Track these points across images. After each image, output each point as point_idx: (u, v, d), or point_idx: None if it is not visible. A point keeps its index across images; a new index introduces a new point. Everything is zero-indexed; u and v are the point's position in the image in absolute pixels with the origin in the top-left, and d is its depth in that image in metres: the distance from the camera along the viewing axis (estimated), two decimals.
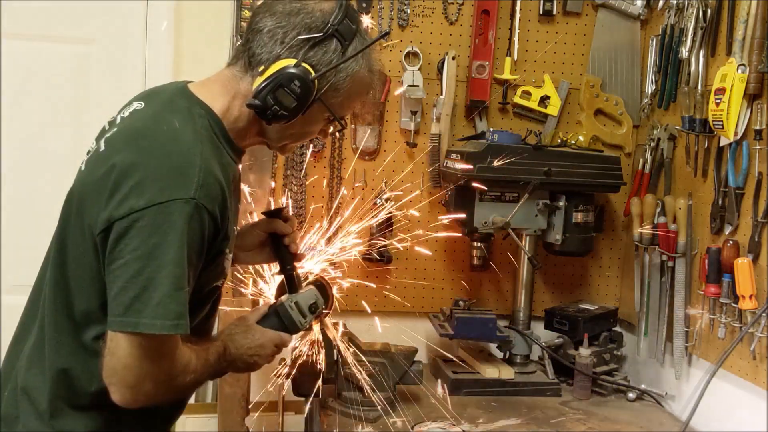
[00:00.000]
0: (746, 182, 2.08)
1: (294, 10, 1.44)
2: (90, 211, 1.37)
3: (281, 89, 1.42)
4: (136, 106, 1.48)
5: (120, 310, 1.29)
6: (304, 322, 1.65)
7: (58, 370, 1.43)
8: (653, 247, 2.41)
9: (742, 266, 2.01)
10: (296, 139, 1.59)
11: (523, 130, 2.63)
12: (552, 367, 2.49)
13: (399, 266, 2.67)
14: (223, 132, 1.48)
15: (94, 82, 2.62)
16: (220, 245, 1.43)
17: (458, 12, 2.66)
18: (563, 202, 2.43)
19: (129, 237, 1.29)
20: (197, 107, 1.45)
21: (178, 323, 1.31)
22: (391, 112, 2.67)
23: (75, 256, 1.42)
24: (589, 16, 2.71)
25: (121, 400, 1.33)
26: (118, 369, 1.31)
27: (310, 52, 1.44)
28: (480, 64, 2.64)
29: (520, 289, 2.59)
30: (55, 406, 1.43)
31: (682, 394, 2.37)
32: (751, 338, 2.01)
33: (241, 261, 1.81)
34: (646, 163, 2.56)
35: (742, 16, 2.09)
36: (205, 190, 1.33)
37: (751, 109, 2.05)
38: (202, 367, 1.43)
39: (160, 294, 1.28)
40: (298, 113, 1.45)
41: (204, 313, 1.54)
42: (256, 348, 1.56)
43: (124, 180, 1.32)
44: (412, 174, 2.65)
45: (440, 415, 2.13)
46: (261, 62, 1.44)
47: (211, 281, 1.49)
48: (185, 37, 2.65)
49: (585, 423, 2.21)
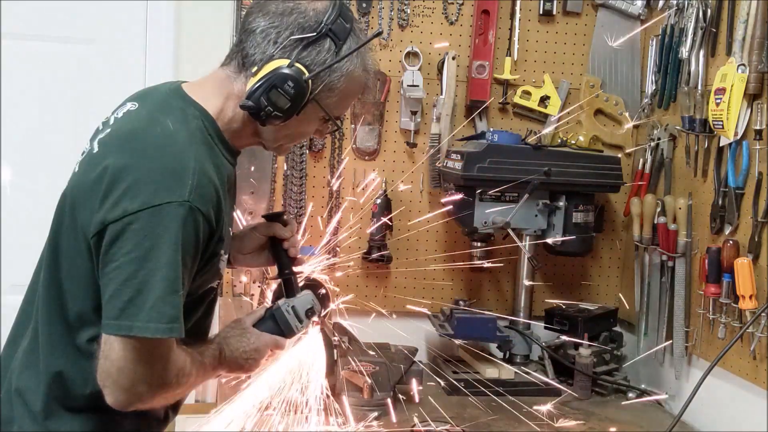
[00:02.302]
0: (746, 182, 2.08)
1: (287, 9, 1.44)
2: (83, 213, 1.36)
3: (274, 90, 1.41)
4: (130, 107, 1.48)
5: (114, 313, 1.29)
6: (300, 327, 1.65)
7: (53, 372, 1.43)
8: (653, 247, 2.41)
9: (742, 266, 2.01)
10: (292, 140, 1.58)
11: (523, 130, 2.63)
12: (552, 367, 2.49)
13: (399, 266, 2.67)
14: (218, 133, 1.47)
15: (94, 82, 2.62)
16: (215, 247, 1.43)
17: (458, 12, 2.66)
18: (563, 202, 2.43)
19: (123, 240, 1.29)
20: (191, 108, 1.45)
21: (172, 326, 1.30)
22: (391, 112, 2.67)
23: (68, 258, 1.41)
24: (589, 16, 2.71)
25: (115, 403, 1.32)
26: (112, 372, 1.31)
27: (304, 52, 1.43)
28: (480, 64, 2.64)
29: (520, 289, 2.59)
30: (49, 407, 1.43)
31: (682, 394, 2.36)
32: (751, 338, 2.01)
33: (239, 263, 1.80)
34: (646, 163, 2.56)
35: (742, 16, 2.09)
36: (199, 192, 1.33)
37: (751, 109, 2.05)
38: (197, 369, 1.43)
39: (154, 297, 1.28)
40: (292, 114, 1.44)
41: (199, 315, 1.53)
42: (251, 351, 1.56)
43: (117, 182, 1.31)
44: (412, 174, 2.65)
45: (440, 415, 2.13)
46: (254, 63, 1.44)
47: (206, 283, 1.48)
48: (185, 37, 2.64)
49: (585, 423, 2.21)
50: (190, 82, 1.54)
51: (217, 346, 1.52)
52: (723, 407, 2.18)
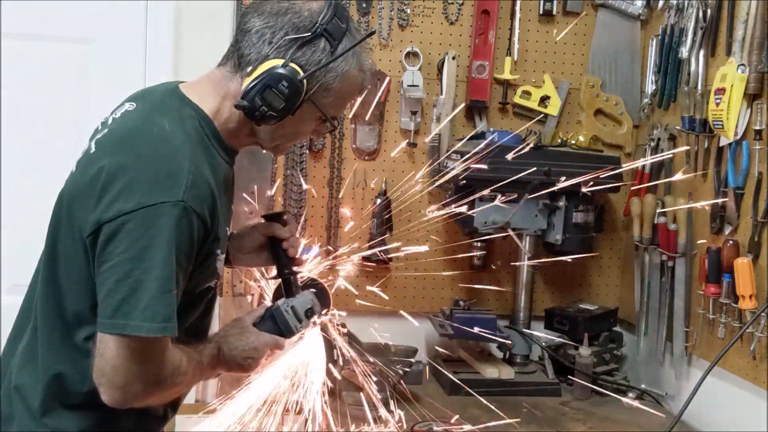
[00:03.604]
0: (746, 182, 2.08)
1: (282, 9, 1.44)
2: (79, 213, 1.37)
3: (269, 90, 1.41)
4: (128, 107, 1.48)
5: (109, 312, 1.30)
6: (299, 327, 1.65)
7: (51, 369, 1.43)
8: (653, 247, 2.41)
9: (742, 266, 2.01)
10: (289, 140, 1.58)
11: (523, 130, 2.63)
12: (552, 367, 2.49)
13: (399, 266, 2.67)
14: (214, 132, 1.47)
15: (94, 82, 2.62)
16: (211, 247, 1.43)
17: (458, 12, 2.66)
18: (563, 202, 2.43)
19: (118, 240, 1.29)
20: (187, 108, 1.45)
21: (165, 326, 1.31)
22: (391, 112, 2.66)
23: (65, 257, 1.42)
24: (589, 16, 2.71)
25: (110, 401, 1.33)
26: (106, 370, 1.31)
27: (299, 52, 1.43)
28: (480, 64, 2.64)
29: (520, 289, 2.59)
30: (47, 404, 1.44)
31: (682, 394, 2.36)
32: (751, 338, 2.01)
33: (239, 263, 1.80)
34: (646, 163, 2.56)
35: (742, 16, 2.09)
36: (194, 192, 1.33)
37: (751, 109, 2.05)
38: (194, 368, 1.43)
39: (148, 296, 1.29)
40: (287, 114, 1.44)
41: (198, 314, 1.54)
42: (250, 351, 1.56)
43: (112, 182, 1.32)
44: (412, 174, 2.65)
45: (440, 415, 2.13)
46: (249, 63, 1.44)
47: (202, 282, 1.48)
48: (185, 37, 2.64)
49: (585, 423, 2.21)
50: (187, 82, 1.54)
51: (215, 344, 1.52)
52: (723, 407, 2.18)
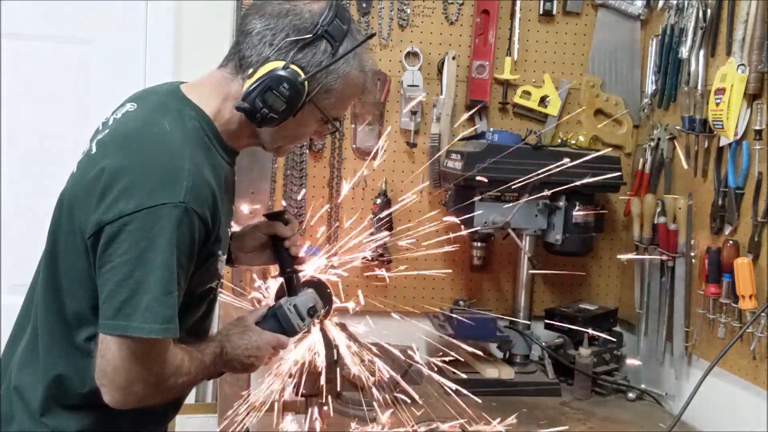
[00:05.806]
0: (746, 182, 2.08)
1: (283, 11, 1.44)
2: (80, 214, 1.37)
3: (270, 92, 1.41)
4: (129, 108, 1.48)
5: (110, 313, 1.30)
6: (302, 325, 1.65)
7: (51, 370, 1.44)
8: (653, 247, 2.41)
9: (742, 266, 2.01)
10: (290, 141, 1.58)
11: (523, 130, 2.63)
12: (552, 367, 2.49)
13: (399, 266, 2.66)
14: (215, 133, 1.47)
15: (94, 82, 2.62)
16: (212, 247, 1.43)
17: (458, 12, 2.66)
18: (563, 202, 2.43)
19: (119, 241, 1.30)
20: (188, 109, 1.45)
21: (167, 327, 1.31)
22: (391, 112, 2.66)
23: (66, 258, 1.42)
24: (589, 16, 2.71)
25: (112, 402, 1.33)
26: (108, 371, 1.32)
27: (299, 53, 1.43)
28: (480, 64, 2.64)
29: (520, 289, 2.59)
30: (47, 404, 1.44)
31: (682, 394, 2.36)
32: (751, 338, 2.01)
33: (241, 262, 1.81)
34: (646, 163, 2.56)
35: (742, 16, 2.09)
36: (195, 193, 1.33)
37: (751, 109, 2.05)
38: (196, 368, 1.43)
39: (149, 298, 1.29)
40: (288, 115, 1.44)
41: (199, 315, 1.54)
42: (252, 349, 1.56)
43: (113, 183, 1.32)
44: (412, 174, 2.65)
45: (440, 415, 2.13)
46: (250, 65, 1.44)
47: (204, 283, 1.49)
48: (185, 37, 2.65)
49: (585, 423, 2.21)
50: (188, 82, 1.54)
51: (218, 343, 1.52)
52: (723, 407, 2.18)
